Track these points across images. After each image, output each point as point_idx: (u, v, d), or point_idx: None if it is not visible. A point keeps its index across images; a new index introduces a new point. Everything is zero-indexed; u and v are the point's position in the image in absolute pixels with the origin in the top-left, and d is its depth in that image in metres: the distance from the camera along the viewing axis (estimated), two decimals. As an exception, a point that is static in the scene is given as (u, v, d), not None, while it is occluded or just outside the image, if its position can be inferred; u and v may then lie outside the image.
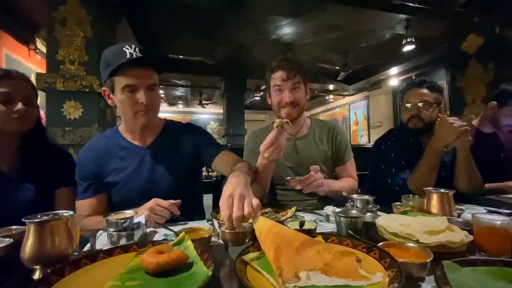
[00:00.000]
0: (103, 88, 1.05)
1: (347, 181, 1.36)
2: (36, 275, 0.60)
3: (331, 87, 7.89)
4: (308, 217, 1.04)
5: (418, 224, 0.70)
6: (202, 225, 0.84)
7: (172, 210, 0.93)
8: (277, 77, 1.29)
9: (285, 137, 1.02)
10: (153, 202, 0.93)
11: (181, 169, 1.15)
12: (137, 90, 1.00)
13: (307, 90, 1.37)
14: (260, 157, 1.05)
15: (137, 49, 0.98)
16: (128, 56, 0.96)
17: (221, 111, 8.48)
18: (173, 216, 0.95)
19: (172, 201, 0.94)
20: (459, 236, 0.65)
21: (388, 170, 1.43)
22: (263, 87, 7.85)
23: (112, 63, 0.97)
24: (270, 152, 0.99)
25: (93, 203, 1.09)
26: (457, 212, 0.93)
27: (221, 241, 0.74)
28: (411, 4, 3.43)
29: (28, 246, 0.59)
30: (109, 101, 1.06)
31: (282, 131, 0.99)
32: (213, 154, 1.16)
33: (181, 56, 5.65)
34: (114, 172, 1.10)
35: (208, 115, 10.98)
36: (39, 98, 1.18)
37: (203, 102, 9.16)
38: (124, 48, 0.97)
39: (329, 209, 1.03)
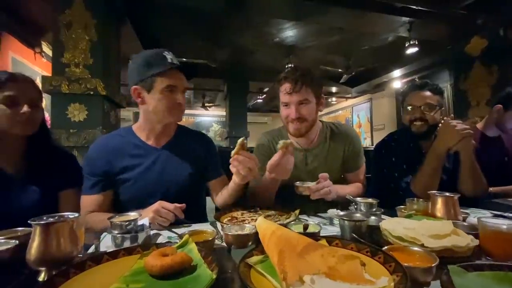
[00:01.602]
0: (134, 86, 1.09)
1: (355, 187, 1.35)
2: (41, 277, 0.60)
3: (334, 89, 7.90)
4: (311, 220, 1.04)
5: (423, 228, 0.69)
6: (206, 228, 0.84)
7: (177, 213, 0.94)
8: (283, 89, 1.24)
9: (292, 158, 1.03)
10: (158, 204, 0.94)
11: (190, 173, 1.18)
12: (176, 91, 1.09)
13: (322, 102, 1.29)
14: (268, 173, 1.05)
15: (173, 56, 1.09)
16: (169, 60, 1.06)
17: (224, 113, 8.51)
18: (177, 219, 0.95)
19: (177, 204, 0.95)
20: (464, 241, 0.64)
21: (390, 174, 1.42)
22: (266, 89, 7.86)
23: (157, 65, 1.05)
24: (276, 173, 1.00)
25: (98, 199, 1.10)
26: (463, 216, 0.92)
27: (224, 244, 0.74)
28: (414, 7, 3.42)
29: (34, 248, 0.59)
30: (138, 100, 1.11)
31: (286, 152, 0.99)
32: (213, 175, 1.27)
33: (184, 59, 5.68)
34: (126, 170, 1.12)
35: (210, 117, 11.00)
36: (44, 100, 1.19)
37: (206, 104, 9.20)
38: (163, 53, 1.07)
39: (333, 212, 1.03)
